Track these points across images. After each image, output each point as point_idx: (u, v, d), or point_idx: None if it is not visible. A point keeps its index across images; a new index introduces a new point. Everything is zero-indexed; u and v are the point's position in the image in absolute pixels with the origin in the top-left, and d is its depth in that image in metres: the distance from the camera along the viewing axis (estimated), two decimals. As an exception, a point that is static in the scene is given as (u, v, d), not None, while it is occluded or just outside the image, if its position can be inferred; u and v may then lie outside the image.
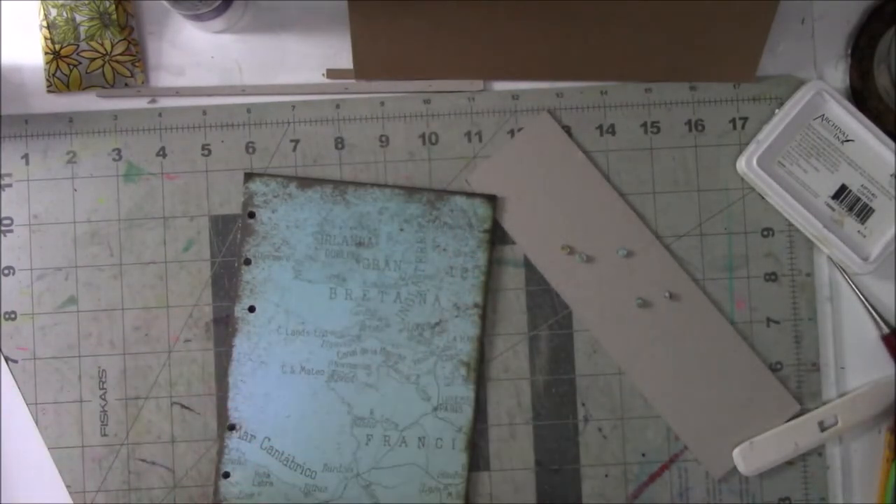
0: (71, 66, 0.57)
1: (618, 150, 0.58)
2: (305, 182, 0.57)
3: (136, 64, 0.58)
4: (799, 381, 0.57)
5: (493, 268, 0.57)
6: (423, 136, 0.58)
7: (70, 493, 0.57)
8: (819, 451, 0.57)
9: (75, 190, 0.58)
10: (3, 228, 0.58)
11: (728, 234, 0.58)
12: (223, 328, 0.57)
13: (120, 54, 0.57)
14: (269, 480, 0.56)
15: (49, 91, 0.58)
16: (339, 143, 0.58)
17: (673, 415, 0.57)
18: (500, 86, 0.59)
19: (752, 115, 0.58)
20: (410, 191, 0.57)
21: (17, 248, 0.58)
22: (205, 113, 0.58)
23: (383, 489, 0.56)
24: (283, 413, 0.56)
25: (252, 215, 0.57)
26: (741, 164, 0.57)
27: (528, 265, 0.57)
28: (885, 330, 0.57)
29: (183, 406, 0.57)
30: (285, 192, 0.57)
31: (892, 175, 0.57)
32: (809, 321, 0.58)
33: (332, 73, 0.58)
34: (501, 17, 0.57)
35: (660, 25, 0.57)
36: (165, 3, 0.53)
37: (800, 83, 0.58)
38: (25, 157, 0.58)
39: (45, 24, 0.57)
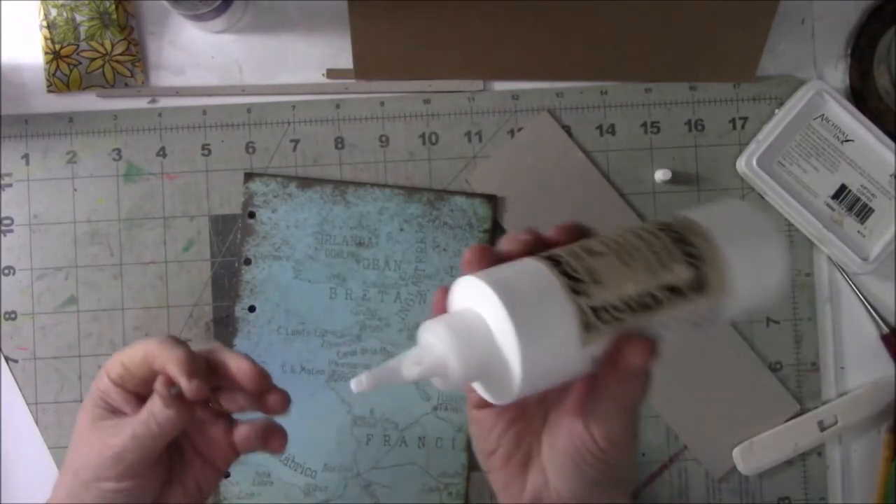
0: (71, 66, 0.57)
1: (618, 150, 0.58)
2: (305, 182, 0.57)
3: (136, 64, 0.58)
4: (799, 381, 0.57)
5: (493, 268, 0.57)
6: (423, 136, 0.58)
7: (70, 492, 0.57)
8: (819, 450, 0.57)
9: (75, 190, 0.58)
10: (3, 228, 0.58)
11: (728, 234, 0.58)
12: (223, 328, 0.57)
13: (120, 54, 0.57)
14: (270, 480, 0.56)
15: (49, 91, 0.58)
16: (339, 143, 0.58)
17: (673, 415, 0.57)
18: (500, 86, 0.59)
19: (752, 115, 0.58)
20: (410, 191, 0.57)
21: (17, 248, 0.58)
22: (205, 113, 0.58)
23: (383, 489, 0.56)
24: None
25: (252, 215, 0.57)
26: (741, 164, 0.57)
27: (528, 265, 0.57)
28: (885, 330, 0.57)
29: (183, 406, 0.57)
30: (285, 192, 0.57)
31: (891, 175, 0.57)
32: (809, 321, 0.58)
33: (332, 73, 0.58)
34: (501, 17, 0.57)
35: (660, 25, 0.57)
36: (165, 3, 0.53)
37: (800, 83, 0.58)
38: (25, 157, 0.58)
39: (45, 24, 0.57)
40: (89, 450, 0.41)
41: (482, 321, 0.31)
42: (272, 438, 0.42)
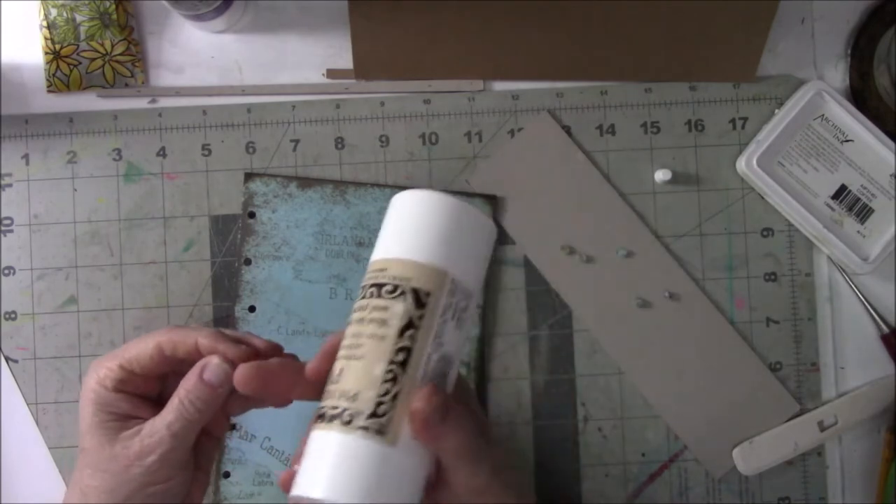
0: (71, 66, 0.57)
1: (618, 150, 0.58)
2: (305, 182, 0.57)
3: (136, 64, 0.58)
4: (798, 381, 0.57)
5: (492, 268, 0.57)
6: (423, 136, 0.58)
7: (70, 492, 0.57)
8: (818, 450, 0.57)
9: (75, 190, 0.58)
10: (3, 228, 0.58)
11: (728, 234, 0.58)
12: (223, 328, 0.57)
13: (120, 54, 0.57)
14: (270, 480, 0.56)
15: (49, 91, 0.58)
16: (339, 143, 0.58)
17: (673, 415, 0.57)
18: (500, 86, 0.59)
19: (752, 115, 0.58)
20: (410, 191, 0.57)
21: (17, 248, 0.58)
22: (205, 113, 0.58)
23: (383, 489, 0.56)
24: (284, 412, 0.56)
25: (252, 215, 0.57)
26: (741, 164, 0.57)
27: (528, 265, 0.57)
28: (885, 330, 0.57)
29: (183, 406, 0.57)
30: (285, 192, 0.57)
31: (892, 175, 0.57)
32: (809, 321, 0.58)
33: (332, 73, 0.58)
34: (501, 17, 0.57)
35: (660, 25, 0.57)
36: (165, 3, 0.53)
37: (800, 83, 0.58)
38: (25, 157, 0.58)
39: (45, 24, 0.57)
40: (120, 466, 0.40)
41: None
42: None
